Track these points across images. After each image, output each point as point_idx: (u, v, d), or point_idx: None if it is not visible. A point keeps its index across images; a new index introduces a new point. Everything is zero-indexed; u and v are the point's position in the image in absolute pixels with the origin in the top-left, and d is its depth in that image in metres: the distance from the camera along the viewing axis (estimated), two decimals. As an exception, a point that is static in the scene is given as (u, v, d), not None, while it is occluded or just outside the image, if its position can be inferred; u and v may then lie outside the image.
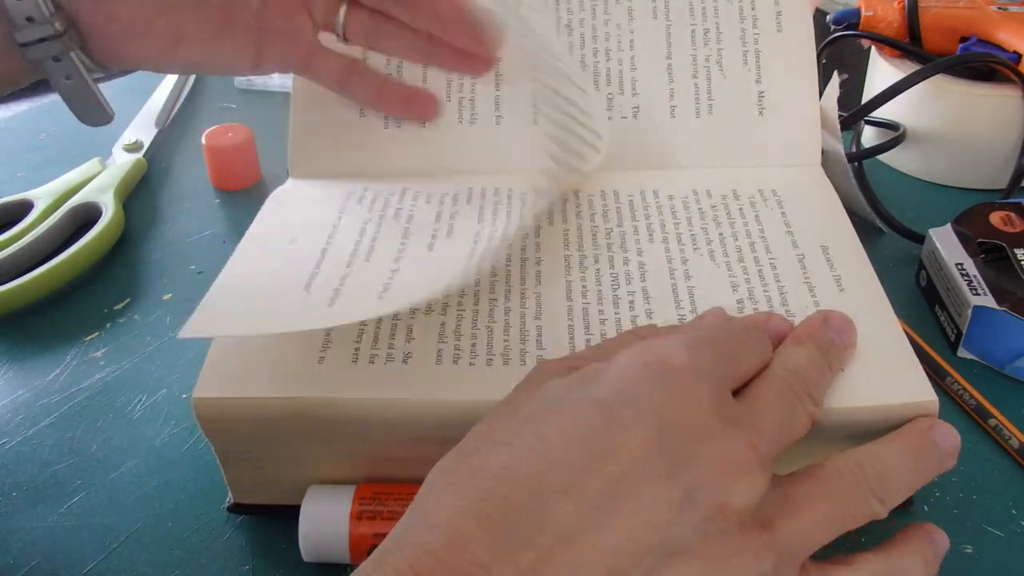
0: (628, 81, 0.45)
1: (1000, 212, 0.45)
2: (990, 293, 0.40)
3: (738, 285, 0.36)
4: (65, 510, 0.36)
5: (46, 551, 0.34)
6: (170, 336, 0.44)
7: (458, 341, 0.33)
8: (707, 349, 0.26)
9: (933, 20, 0.56)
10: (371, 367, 0.32)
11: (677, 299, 0.35)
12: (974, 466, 0.36)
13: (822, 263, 0.37)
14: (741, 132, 0.44)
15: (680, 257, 0.37)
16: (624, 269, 0.37)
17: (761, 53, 0.45)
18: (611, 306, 0.35)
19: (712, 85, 0.45)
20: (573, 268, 0.37)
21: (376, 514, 0.31)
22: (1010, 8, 0.56)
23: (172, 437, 0.39)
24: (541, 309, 0.34)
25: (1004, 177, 0.53)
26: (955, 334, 0.41)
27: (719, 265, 0.37)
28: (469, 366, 0.32)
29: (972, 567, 0.33)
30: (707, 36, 0.45)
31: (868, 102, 0.52)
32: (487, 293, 0.35)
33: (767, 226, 0.39)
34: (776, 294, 0.35)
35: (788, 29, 0.45)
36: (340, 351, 0.32)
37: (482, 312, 0.34)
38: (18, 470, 0.37)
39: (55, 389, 0.41)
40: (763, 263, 0.37)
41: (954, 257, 0.42)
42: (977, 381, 0.40)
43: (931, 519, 0.34)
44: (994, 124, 0.53)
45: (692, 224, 0.40)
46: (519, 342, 0.33)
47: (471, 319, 0.34)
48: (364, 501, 0.31)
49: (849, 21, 0.58)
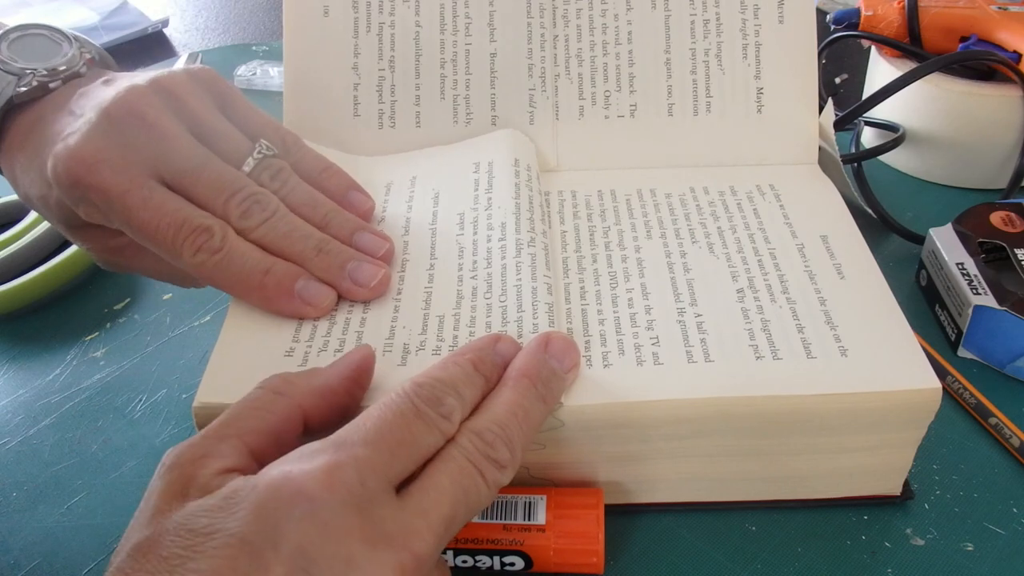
0: (626, 77, 0.45)
1: (1000, 212, 0.45)
2: (990, 293, 0.40)
3: (738, 275, 0.36)
4: (65, 510, 0.36)
5: (46, 551, 0.34)
6: (170, 336, 0.44)
7: (454, 346, 0.33)
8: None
9: (933, 20, 0.56)
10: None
11: (676, 292, 0.35)
12: (975, 465, 0.36)
13: (822, 252, 0.37)
14: (739, 130, 0.44)
15: (679, 251, 0.38)
16: (623, 267, 0.37)
17: (761, 46, 0.44)
18: (610, 305, 0.35)
19: (711, 81, 0.44)
20: (571, 270, 0.37)
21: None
22: (1010, 8, 0.56)
23: (172, 437, 0.39)
24: (537, 313, 0.34)
25: (1004, 177, 0.53)
26: (955, 334, 0.41)
27: (718, 257, 0.37)
28: None
29: (973, 565, 0.33)
30: (707, 27, 0.45)
31: (866, 100, 0.52)
32: (483, 298, 0.35)
33: (766, 218, 0.39)
34: (776, 283, 0.35)
35: (790, 21, 0.44)
36: None
37: (479, 319, 0.34)
38: (18, 470, 0.37)
39: (55, 389, 0.41)
40: (763, 253, 0.37)
41: (955, 257, 0.42)
42: (977, 380, 0.40)
43: (932, 517, 0.34)
44: (994, 124, 0.53)
45: (690, 219, 0.40)
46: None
47: (468, 326, 0.34)
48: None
49: (849, 21, 0.58)
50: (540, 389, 0.29)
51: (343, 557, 0.23)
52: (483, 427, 0.27)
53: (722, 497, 0.34)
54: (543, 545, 0.31)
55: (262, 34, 0.78)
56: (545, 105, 0.44)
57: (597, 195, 0.42)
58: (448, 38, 0.45)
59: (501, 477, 0.27)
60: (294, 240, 0.34)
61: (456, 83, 0.45)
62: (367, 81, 0.44)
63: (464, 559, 0.31)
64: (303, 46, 0.45)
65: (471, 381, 0.28)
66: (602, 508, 0.32)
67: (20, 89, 0.36)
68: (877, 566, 0.32)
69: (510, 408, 0.28)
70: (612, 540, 0.33)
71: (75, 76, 0.37)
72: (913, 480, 0.35)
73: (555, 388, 0.30)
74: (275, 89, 0.67)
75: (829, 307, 0.34)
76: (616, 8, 0.45)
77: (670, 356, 0.32)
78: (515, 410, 0.28)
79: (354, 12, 0.44)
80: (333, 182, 0.38)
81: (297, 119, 0.44)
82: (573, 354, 0.31)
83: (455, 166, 0.42)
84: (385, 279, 0.35)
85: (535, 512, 0.31)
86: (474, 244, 0.37)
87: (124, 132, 0.33)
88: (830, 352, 0.32)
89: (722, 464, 0.33)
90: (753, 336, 0.33)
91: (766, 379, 0.31)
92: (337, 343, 0.33)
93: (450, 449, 0.26)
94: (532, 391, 0.29)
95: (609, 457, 0.32)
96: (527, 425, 0.28)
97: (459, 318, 0.34)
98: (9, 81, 0.36)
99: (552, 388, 0.30)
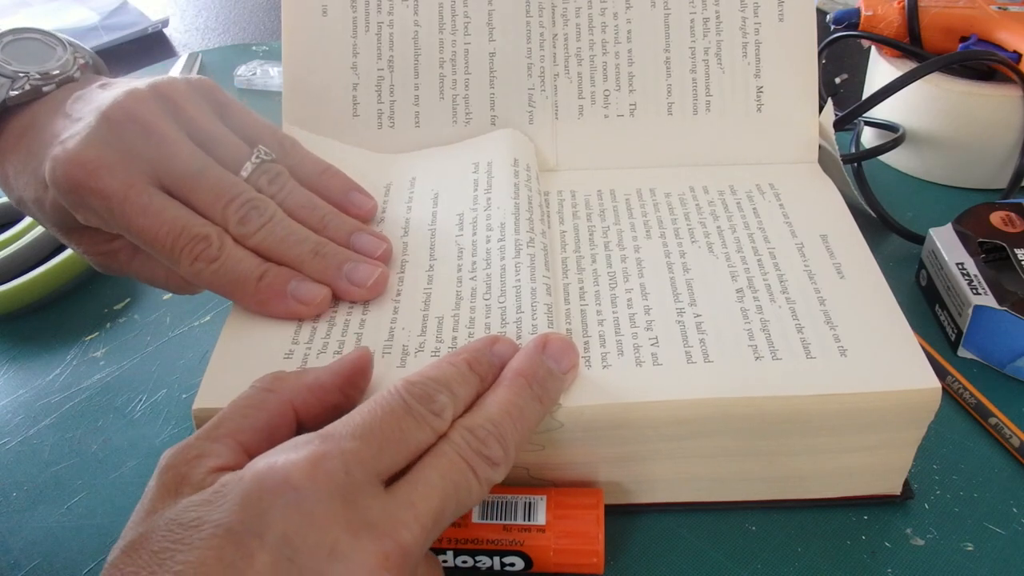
0: (625, 76, 0.45)
1: (1000, 212, 0.45)
2: (990, 293, 0.40)
3: (737, 275, 0.36)
4: (65, 510, 0.36)
5: (46, 551, 0.34)
6: (170, 336, 0.44)
7: (453, 347, 0.33)
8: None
9: (933, 20, 0.56)
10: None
11: (676, 292, 0.35)
12: (975, 464, 0.36)
13: (821, 251, 0.37)
14: (739, 129, 0.44)
15: (678, 251, 0.38)
16: (622, 267, 0.37)
17: (761, 45, 0.44)
18: (609, 305, 0.35)
19: (711, 80, 0.44)
20: (571, 270, 0.37)
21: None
22: (1010, 8, 0.56)
23: (172, 437, 0.39)
24: (536, 314, 0.34)
25: (1004, 177, 0.53)
26: (955, 333, 0.41)
27: (717, 256, 0.37)
28: None
29: (973, 565, 0.33)
30: (706, 26, 0.45)
31: (866, 100, 0.52)
32: (483, 299, 0.35)
33: (765, 217, 0.39)
34: (776, 283, 0.35)
35: (790, 19, 0.44)
36: None
37: (478, 320, 0.34)
38: (18, 470, 0.37)
39: (55, 389, 0.41)
40: (762, 252, 0.37)
41: (955, 257, 0.42)
42: (977, 380, 0.40)
43: (932, 517, 0.34)
44: (994, 124, 0.52)
45: (690, 219, 0.40)
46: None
47: (467, 327, 0.34)
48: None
49: (849, 21, 0.58)
50: (536, 389, 0.29)
51: (327, 545, 0.23)
52: (476, 424, 0.27)
53: (722, 497, 0.34)
54: (543, 545, 0.31)
55: (262, 34, 0.78)
56: (544, 104, 0.44)
57: (596, 195, 0.42)
58: (447, 38, 0.44)
59: (493, 474, 0.27)
60: (290, 244, 0.34)
61: (455, 83, 0.45)
62: (366, 81, 0.44)
63: (464, 559, 0.31)
64: (302, 46, 0.44)
65: (465, 380, 0.28)
66: (602, 508, 0.32)
67: (13, 92, 0.36)
68: (877, 566, 0.32)
69: (504, 406, 0.28)
70: (612, 540, 0.33)
71: (68, 80, 0.37)
72: (913, 480, 0.35)
73: (551, 388, 0.30)
74: (275, 89, 0.67)
75: (829, 307, 0.34)
76: (615, 7, 0.45)
77: (669, 356, 0.32)
78: (509, 408, 0.28)
79: (353, 12, 0.44)
80: (333, 184, 0.38)
81: (296, 119, 0.44)
82: (571, 355, 0.31)
83: (454, 166, 0.42)
84: (382, 279, 0.35)
85: (535, 512, 0.31)
86: (473, 245, 0.37)
87: (123, 137, 0.33)
88: (830, 352, 0.32)
89: (722, 464, 0.33)
90: (752, 336, 0.33)
91: (765, 379, 0.31)
92: (336, 345, 0.33)
93: (441, 445, 0.26)
94: (527, 390, 0.29)
95: (609, 458, 0.32)
96: (521, 423, 0.28)
97: (458, 319, 0.34)
98: (2, 84, 0.36)
99: (548, 388, 0.30)
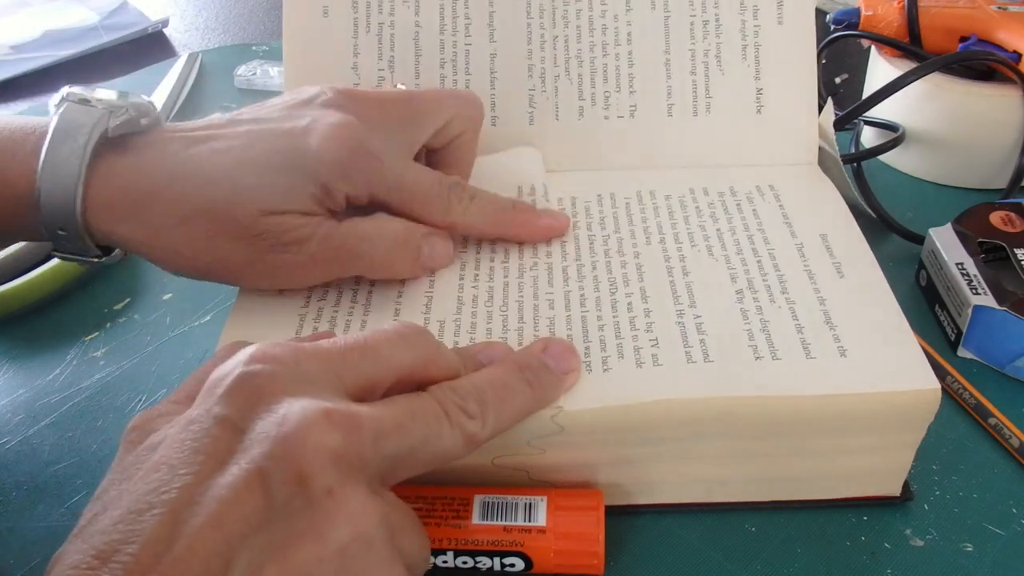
0: (625, 78, 0.45)
1: (1000, 212, 0.45)
2: (990, 293, 0.40)
3: (737, 276, 0.36)
4: (65, 510, 0.36)
5: (46, 551, 0.34)
6: (170, 336, 0.44)
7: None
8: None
9: (933, 20, 0.56)
10: None
11: (675, 294, 0.35)
12: (975, 465, 0.36)
13: (821, 251, 0.37)
14: (739, 131, 0.44)
15: (678, 255, 0.38)
16: (622, 272, 0.37)
17: (761, 47, 0.44)
18: (609, 310, 0.35)
19: (710, 82, 0.44)
20: (571, 278, 0.37)
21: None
22: (1010, 8, 0.56)
23: (172, 437, 0.39)
24: (539, 326, 0.34)
25: (1004, 177, 0.53)
26: (955, 334, 0.41)
27: (717, 259, 0.37)
28: None
29: (973, 566, 0.33)
30: (706, 28, 0.45)
31: (865, 100, 0.52)
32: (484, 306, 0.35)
33: (765, 218, 0.39)
34: (776, 283, 0.35)
35: (789, 22, 0.44)
36: None
37: (479, 325, 0.34)
38: (18, 470, 0.37)
39: (55, 389, 0.41)
40: (762, 254, 0.37)
41: (954, 257, 0.42)
42: (977, 380, 0.40)
43: (931, 518, 0.34)
44: (994, 124, 0.52)
45: (689, 222, 0.40)
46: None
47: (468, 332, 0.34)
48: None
49: (849, 21, 0.58)
50: (527, 374, 0.30)
51: (274, 410, 0.24)
52: (458, 384, 0.28)
53: (722, 498, 0.34)
54: (543, 546, 0.31)
55: (262, 34, 0.78)
56: (545, 106, 0.44)
57: (596, 200, 0.42)
58: (448, 38, 0.44)
59: (469, 425, 0.27)
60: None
61: (456, 83, 0.45)
62: (367, 81, 0.44)
63: (464, 560, 0.31)
64: (303, 46, 0.44)
65: (451, 352, 0.29)
66: (602, 509, 0.32)
67: (115, 122, 0.32)
68: (877, 567, 0.32)
69: (490, 379, 0.29)
70: (612, 541, 0.33)
71: (157, 123, 0.34)
72: (913, 481, 0.35)
73: (545, 380, 0.30)
74: (275, 89, 0.67)
75: (829, 307, 0.34)
76: (616, 9, 0.45)
77: (669, 357, 0.32)
78: (494, 380, 0.29)
79: (354, 12, 0.44)
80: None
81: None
82: (572, 359, 0.31)
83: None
84: (565, 222, 0.39)
85: (535, 513, 0.31)
86: (477, 261, 0.38)
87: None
88: (829, 352, 0.32)
89: (722, 465, 0.33)
90: (752, 336, 0.33)
91: (765, 379, 0.31)
92: None
93: (419, 392, 0.27)
94: (517, 372, 0.29)
95: (609, 460, 0.32)
96: (506, 397, 0.28)
97: (459, 324, 0.34)
98: (100, 115, 0.32)
99: (542, 379, 0.30)
